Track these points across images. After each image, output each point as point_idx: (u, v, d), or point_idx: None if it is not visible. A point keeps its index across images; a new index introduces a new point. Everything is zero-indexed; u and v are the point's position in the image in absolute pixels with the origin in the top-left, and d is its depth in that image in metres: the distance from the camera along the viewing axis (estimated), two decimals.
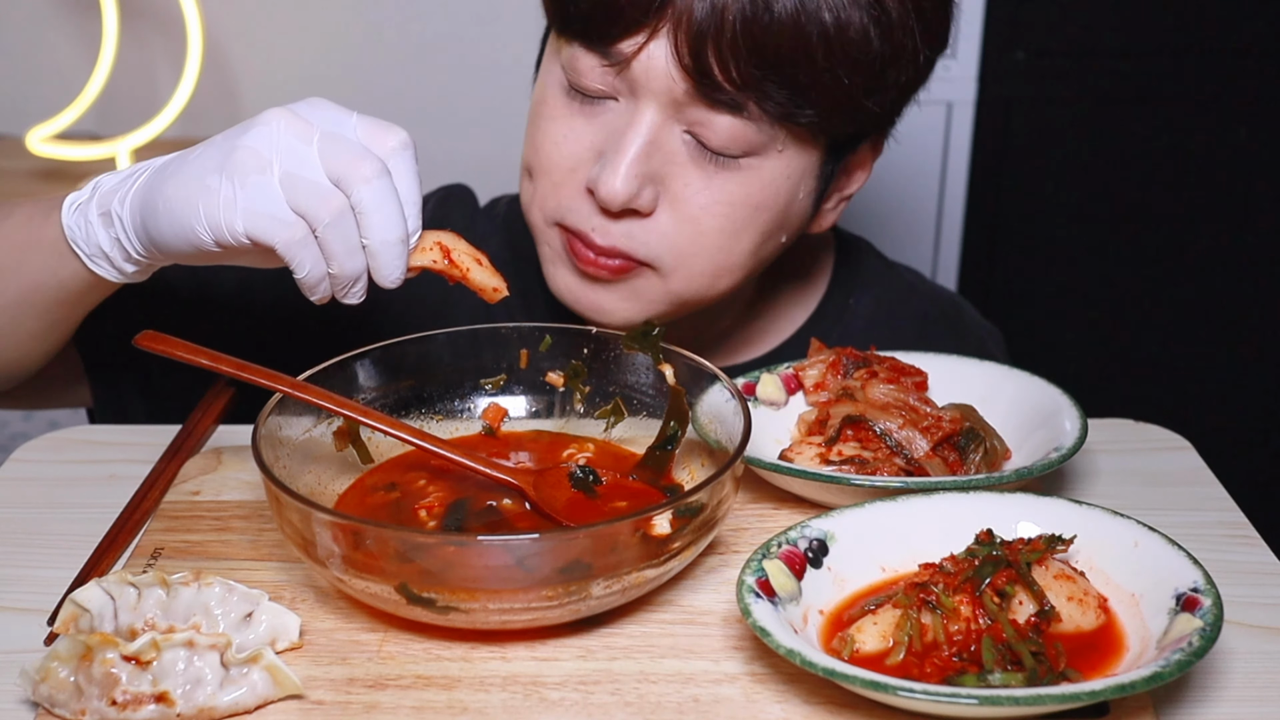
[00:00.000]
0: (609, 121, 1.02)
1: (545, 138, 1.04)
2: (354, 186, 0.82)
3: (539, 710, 0.72)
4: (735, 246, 1.04)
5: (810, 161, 1.04)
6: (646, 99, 0.99)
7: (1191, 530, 0.89)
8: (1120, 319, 2.35)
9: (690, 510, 0.77)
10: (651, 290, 1.06)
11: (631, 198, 1.00)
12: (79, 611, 0.75)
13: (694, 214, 1.02)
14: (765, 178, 1.02)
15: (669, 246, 1.03)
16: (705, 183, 1.01)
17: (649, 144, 0.99)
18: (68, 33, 2.26)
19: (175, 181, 0.85)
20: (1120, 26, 2.18)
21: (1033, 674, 0.70)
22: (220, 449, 1.00)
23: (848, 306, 1.23)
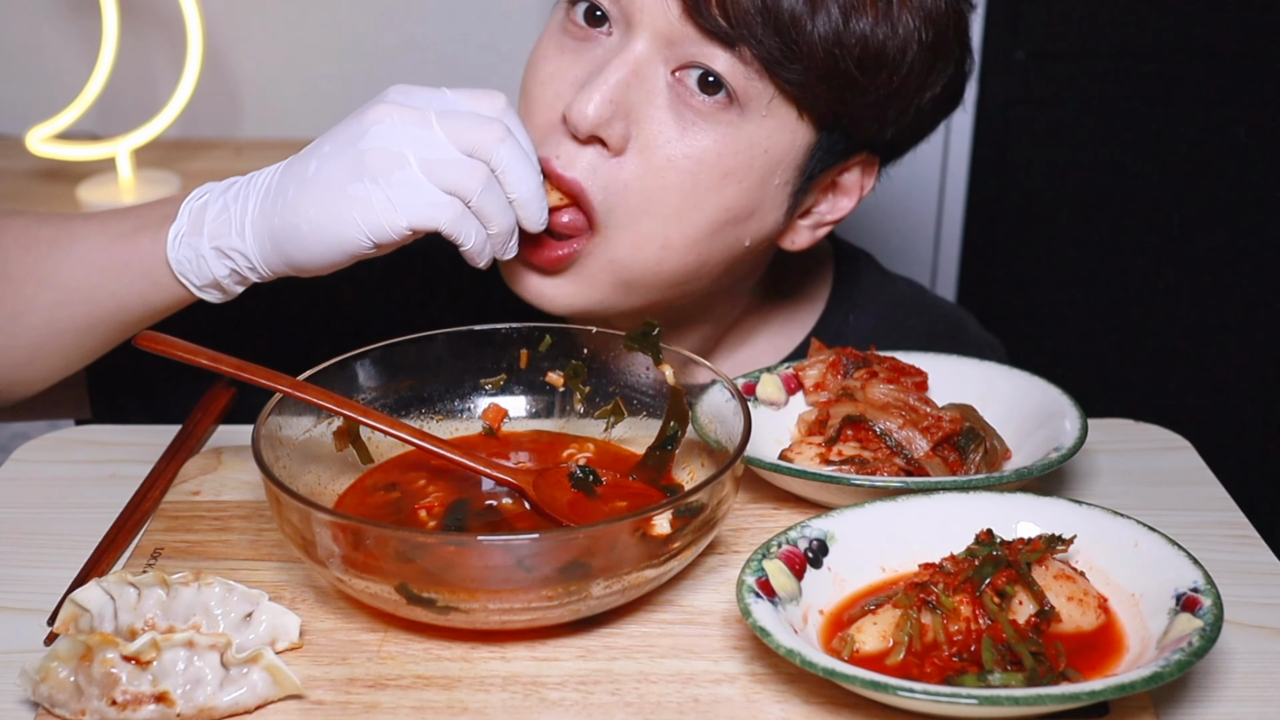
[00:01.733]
0: (597, 56, 1.00)
1: (533, 81, 1.04)
2: (489, 151, 0.90)
3: (539, 710, 0.72)
4: (693, 214, 0.99)
5: (795, 143, 1.00)
6: (639, 30, 0.97)
7: (1191, 530, 0.89)
8: (1120, 319, 2.35)
9: (690, 510, 0.77)
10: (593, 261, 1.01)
11: (601, 122, 0.96)
12: (79, 611, 0.75)
13: (660, 163, 0.98)
14: (741, 140, 0.98)
15: (626, 196, 0.98)
16: (679, 132, 0.97)
17: (631, 74, 0.97)
18: (68, 33, 2.26)
19: (314, 201, 0.89)
20: (1120, 26, 2.18)
21: (1033, 674, 0.70)
22: (220, 449, 1.00)
23: (847, 324, 1.21)
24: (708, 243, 1.01)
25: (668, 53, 0.97)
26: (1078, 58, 2.20)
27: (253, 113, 2.32)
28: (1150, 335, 2.35)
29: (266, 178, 0.93)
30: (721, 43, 0.95)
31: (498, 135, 0.90)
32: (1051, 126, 2.23)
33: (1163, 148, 2.23)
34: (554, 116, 1.00)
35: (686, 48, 0.97)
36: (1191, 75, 2.19)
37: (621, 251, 1.00)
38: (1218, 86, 2.20)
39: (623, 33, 0.99)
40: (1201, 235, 2.28)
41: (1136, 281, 2.32)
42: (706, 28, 0.95)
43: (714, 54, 0.96)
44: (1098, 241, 2.30)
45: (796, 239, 1.09)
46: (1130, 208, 2.27)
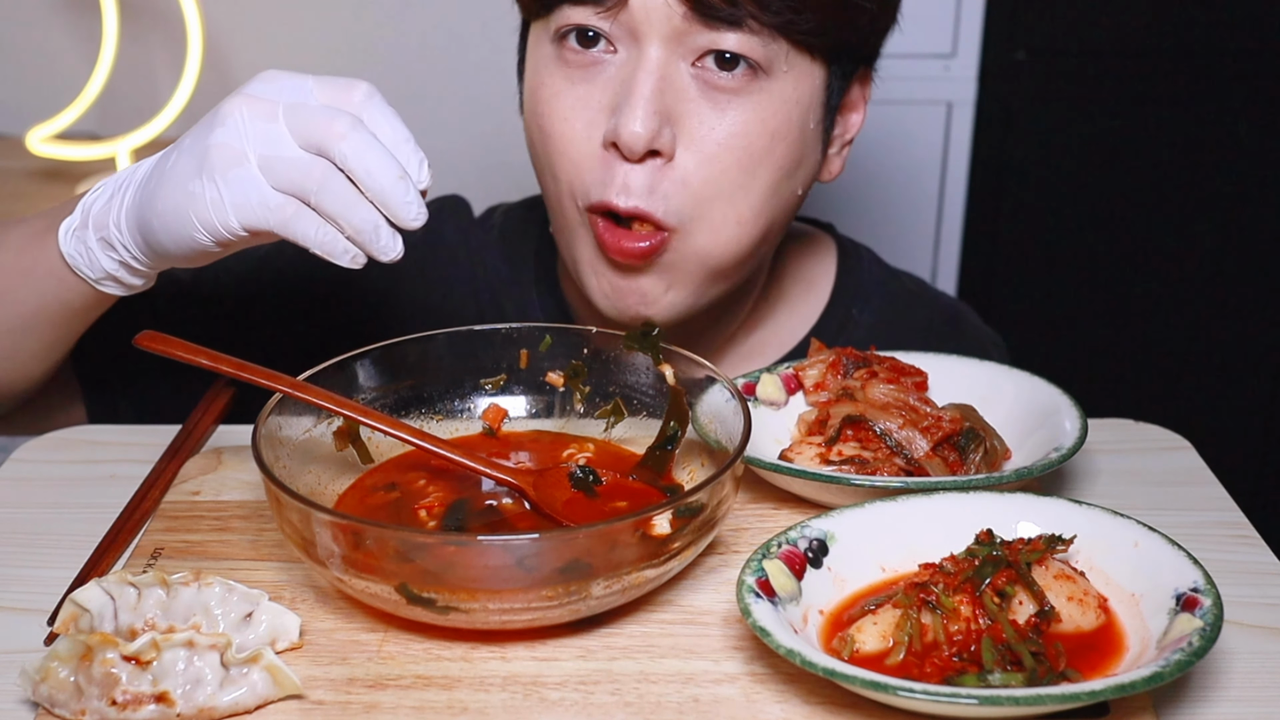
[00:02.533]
0: (614, 75, 1.01)
1: (553, 119, 1.03)
2: (331, 146, 0.83)
3: (539, 710, 0.72)
4: (754, 184, 1.02)
5: (815, 84, 1.03)
6: (648, 38, 0.99)
7: (1191, 530, 0.89)
8: (1120, 319, 2.35)
9: (690, 510, 0.77)
10: (682, 259, 1.04)
11: (654, 136, 0.98)
12: (79, 611, 0.75)
13: (712, 151, 1.00)
14: (776, 101, 1.01)
15: (689, 194, 1.01)
16: (719, 116, 1.00)
17: (660, 80, 0.99)
18: (68, 33, 2.26)
19: (161, 195, 0.87)
20: (1120, 26, 2.18)
21: (1033, 674, 0.70)
22: (220, 449, 1.00)
23: (850, 317, 1.22)
24: (772, 204, 1.05)
25: (682, 49, 0.99)
26: (1078, 57, 2.20)
27: None
28: (1150, 335, 2.35)
29: (145, 168, 0.92)
30: (728, 23, 0.97)
31: (341, 130, 0.83)
32: (1051, 126, 2.23)
33: (1163, 147, 2.23)
34: (593, 148, 1.02)
35: (698, 39, 0.98)
36: (1192, 74, 2.19)
37: (702, 241, 1.03)
38: (1218, 86, 2.20)
39: (629, 45, 1.00)
40: (1202, 235, 2.28)
41: (1136, 281, 2.32)
42: (713, 17, 0.97)
43: (724, 36, 0.98)
44: (1098, 241, 2.30)
45: (831, 168, 1.13)
46: (1130, 207, 2.27)
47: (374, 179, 0.83)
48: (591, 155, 1.02)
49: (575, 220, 1.06)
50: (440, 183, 1.32)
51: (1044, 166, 2.26)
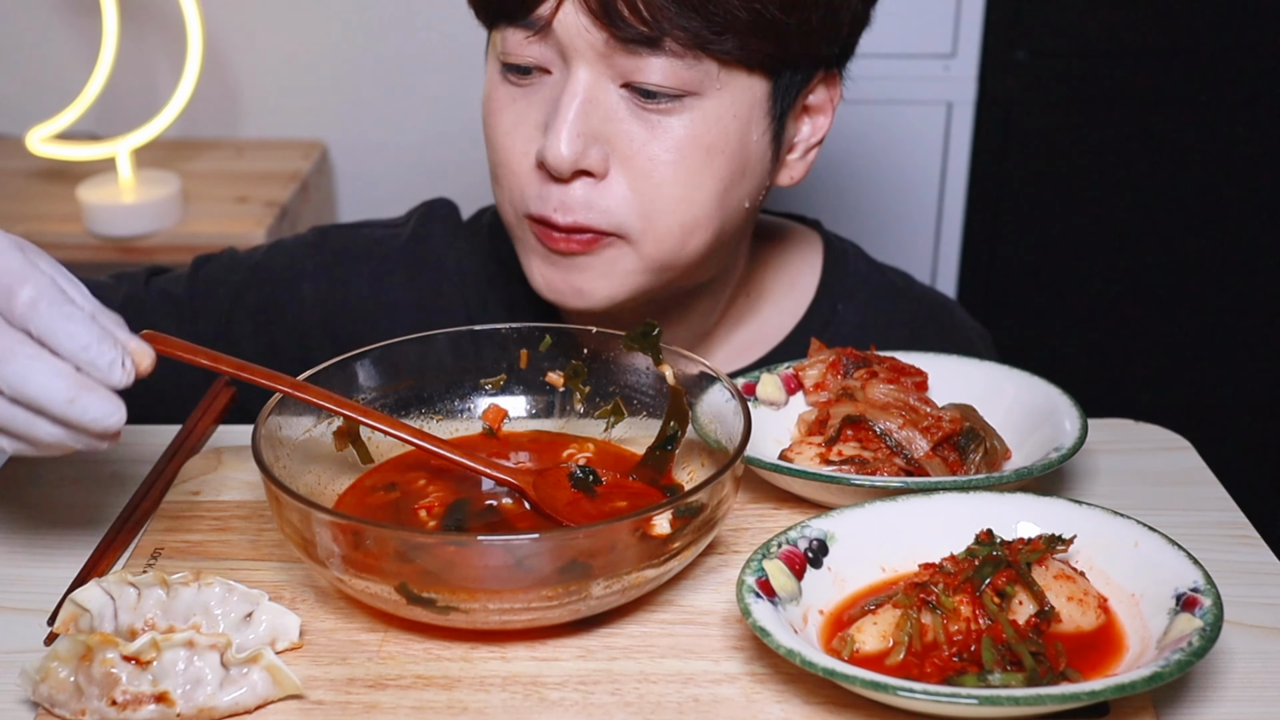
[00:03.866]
0: (547, 95, 1.02)
1: (496, 129, 1.05)
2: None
3: (539, 710, 0.72)
4: (696, 196, 1.02)
5: (755, 97, 1.02)
6: (575, 60, 0.99)
7: (1191, 530, 0.89)
8: (1120, 319, 2.35)
9: (690, 510, 0.77)
10: (624, 260, 1.04)
11: (577, 157, 0.99)
12: (79, 611, 0.75)
13: (645, 167, 1.01)
14: (710, 117, 1.01)
15: (630, 208, 1.02)
16: (650, 133, 1.00)
17: (585, 103, 0.99)
18: (68, 33, 2.26)
19: None
20: (1120, 26, 2.18)
21: (1033, 674, 0.70)
22: (220, 449, 1.00)
23: (835, 313, 1.22)
24: (719, 213, 1.05)
25: (610, 70, 1.00)
26: (1078, 57, 2.20)
27: (253, 113, 2.32)
28: (1150, 335, 2.35)
29: None
30: (648, 46, 0.97)
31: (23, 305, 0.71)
32: (1051, 126, 2.23)
33: (1163, 147, 2.23)
34: (529, 164, 1.03)
35: (622, 65, 0.99)
36: (1192, 75, 2.19)
37: (648, 249, 1.04)
38: (1218, 86, 2.20)
39: (561, 66, 1.01)
40: (1202, 235, 2.28)
41: (1136, 281, 2.32)
42: (628, 38, 0.97)
43: (645, 65, 0.98)
44: (1097, 241, 2.30)
45: (793, 174, 1.12)
46: (1130, 207, 2.27)
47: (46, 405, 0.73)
48: (529, 172, 1.03)
49: (514, 223, 1.08)
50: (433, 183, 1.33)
51: (1044, 166, 2.26)
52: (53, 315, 0.72)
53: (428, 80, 2.28)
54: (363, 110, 2.30)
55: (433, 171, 2.31)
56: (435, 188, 1.34)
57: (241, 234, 1.98)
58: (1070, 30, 2.18)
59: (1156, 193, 2.26)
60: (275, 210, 2.05)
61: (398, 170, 2.33)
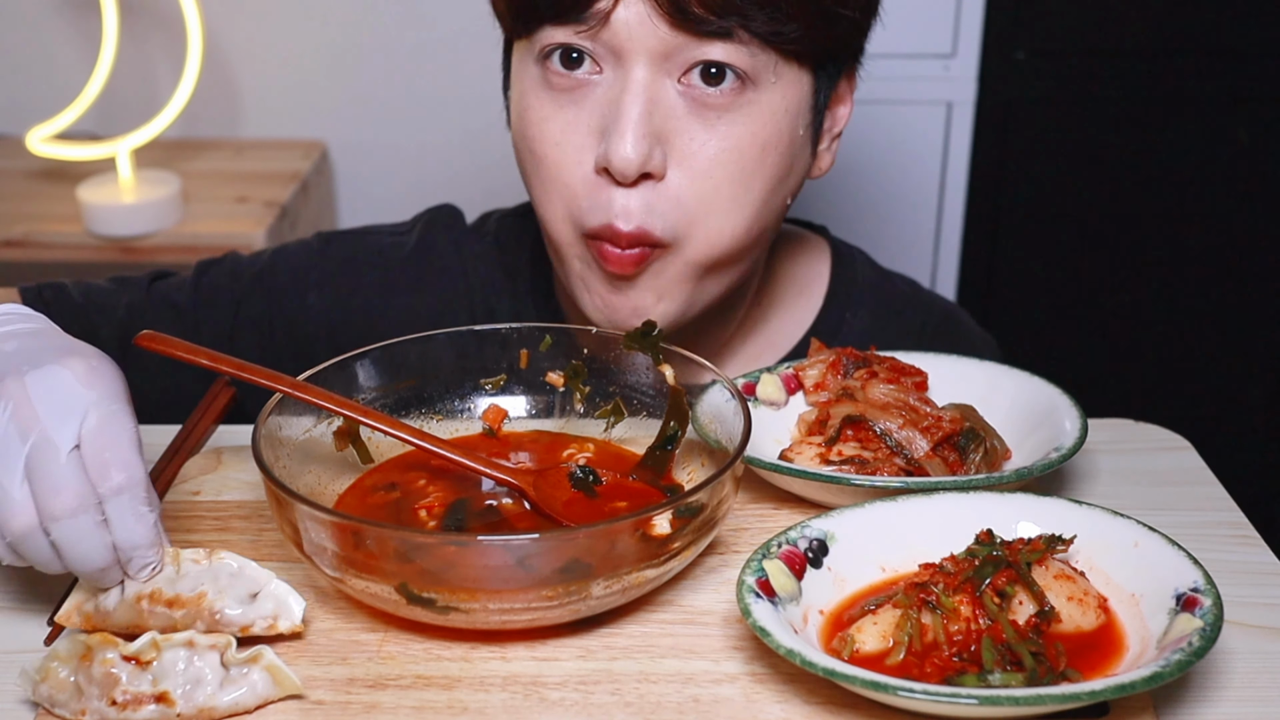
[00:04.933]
0: (601, 97, 1.00)
1: (544, 144, 1.02)
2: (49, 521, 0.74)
3: (539, 710, 0.72)
4: (747, 196, 1.02)
5: (804, 91, 1.03)
6: (632, 57, 0.98)
7: (1191, 530, 0.89)
8: (1120, 319, 2.35)
9: (690, 510, 0.77)
10: (671, 268, 1.03)
11: (645, 160, 0.97)
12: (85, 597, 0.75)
13: (704, 167, 1.00)
14: (766, 113, 1.01)
15: (685, 212, 1.01)
16: (709, 133, 1.00)
17: (648, 102, 0.98)
18: (68, 33, 2.26)
19: None
20: (1120, 26, 2.18)
21: (1033, 674, 0.70)
22: (220, 449, 1.00)
23: (844, 321, 1.22)
24: (765, 212, 1.05)
25: (668, 65, 0.98)
26: (1078, 57, 2.20)
27: (253, 113, 2.32)
28: (1150, 335, 2.35)
29: None
30: (716, 37, 0.96)
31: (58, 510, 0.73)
32: (1051, 126, 2.23)
33: (1163, 147, 2.23)
34: (584, 171, 1.01)
35: (684, 54, 0.97)
36: (1192, 75, 2.19)
37: (697, 253, 1.03)
38: (1218, 86, 2.20)
39: (614, 65, 0.99)
40: (1202, 235, 2.28)
41: (1136, 281, 2.32)
42: (699, 31, 0.96)
43: (711, 48, 0.97)
44: (1098, 241, 2.30)
45: (821, 165, 1.13)
46: (1130, 207, 2.27)
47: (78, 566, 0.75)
48: (585, 180, 1.01)
49: (569, 241, 1.05)
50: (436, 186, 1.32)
51: (1044, 166, 2.26)
52: (128, 510, 0.75)
53: (428, 80, 2.28)
54: (363, 110, 2.30)
55: (433, 171, 2.31)
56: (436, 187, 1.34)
57: (241, 234, 1.98)
58: (1070, 30, 2.18)
59: (1156, 193, 2.26)
60: (275, 210, 2.05)
61: (398, 170, 2.33)
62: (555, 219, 1.04)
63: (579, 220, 1.02)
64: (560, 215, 1.03)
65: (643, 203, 1.00)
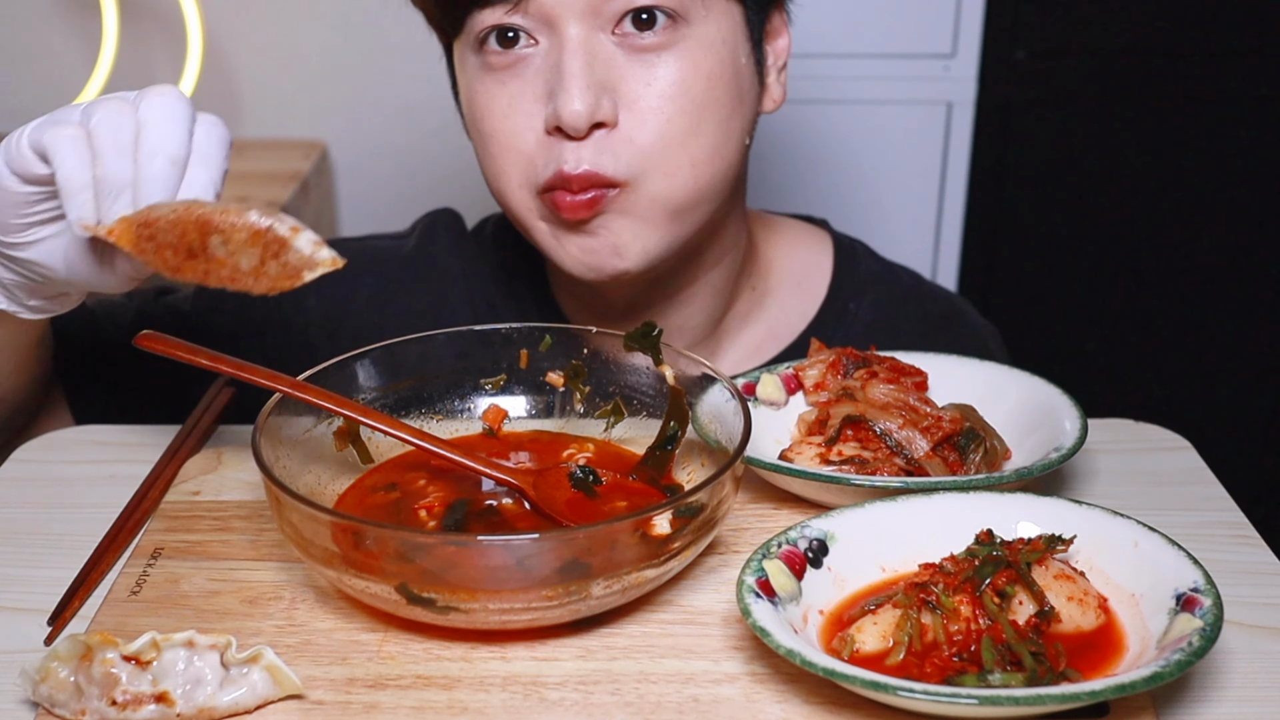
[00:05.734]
0: (541, 64, 1.02)
1: (490, 116, 1.04)
2: (141, 99, 0.81)
3: (539, 710, 0.72)
4: (702, 127, 1.03)
5: (735, 21, 1.05)
6: (563, 20, 1.00)
7: (1191, 530, 0.89)
8: (1120, 319, 2.35)
9: (690, 510, 0.77)
10: (638, 207, 1.04)
11: (594, 110, 0.99)
12: None
13: (655, 104, 1.02)
14: (704, 45, 1.03)
15: (638, 150, 1.02)
16: (652, 73, 1.01)
17: (587, 55, 1.00)
18: (68, 33, 2.26)
19: None
20: (1120, 26, 2.18)
21: (1033, 674, 0.70)
22: (220, 449, 1.00)
23: (847, 311, 1.22)
24: (724, 144, 1.06)
25: (599, 20, 1.01)
26: (1078, 57, 2.20)
27: (253, 113, 2.32)
28: (1150, 335, 2.35)
29: None
30: None
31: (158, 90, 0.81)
32: (1051, 126, 2.23)
33: (1163, 147, 2.23)
34: (536, 137, 1.03)
35: (611, 6, 1.00)
36: (1192, 74, 2.19)
37: (659, 187, 1.04)
38: (1218, 86, 2.20)
39: (548, 33, 1.02)
40: (1202, 235, 2.28)
41: (1136, 281, 2.32)
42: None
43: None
44: (1097, 241, 2.30)
45: (774, 96, 1.14)
46: (1130, 207, 2.27)
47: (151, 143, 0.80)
48: (536, 144, 1.03)
49: (528, 206, 1.06)
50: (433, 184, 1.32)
51: (1044, 166, 2.26)
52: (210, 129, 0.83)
53: (428, 81, 2.27)
54: (363, 110, 2.30)
55: (433, 172, 2.31)
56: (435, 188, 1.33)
57: None
58: (1070, 30, 2.18)
59: (1156, 193, 2.26)
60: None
61: (398, 170, 2.32)
62: (511, 188, 1.06)
63: (534, 182, 1.04)
64: (516, 183, 1.05)
65: (593, 148, 1.01)
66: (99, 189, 0.80)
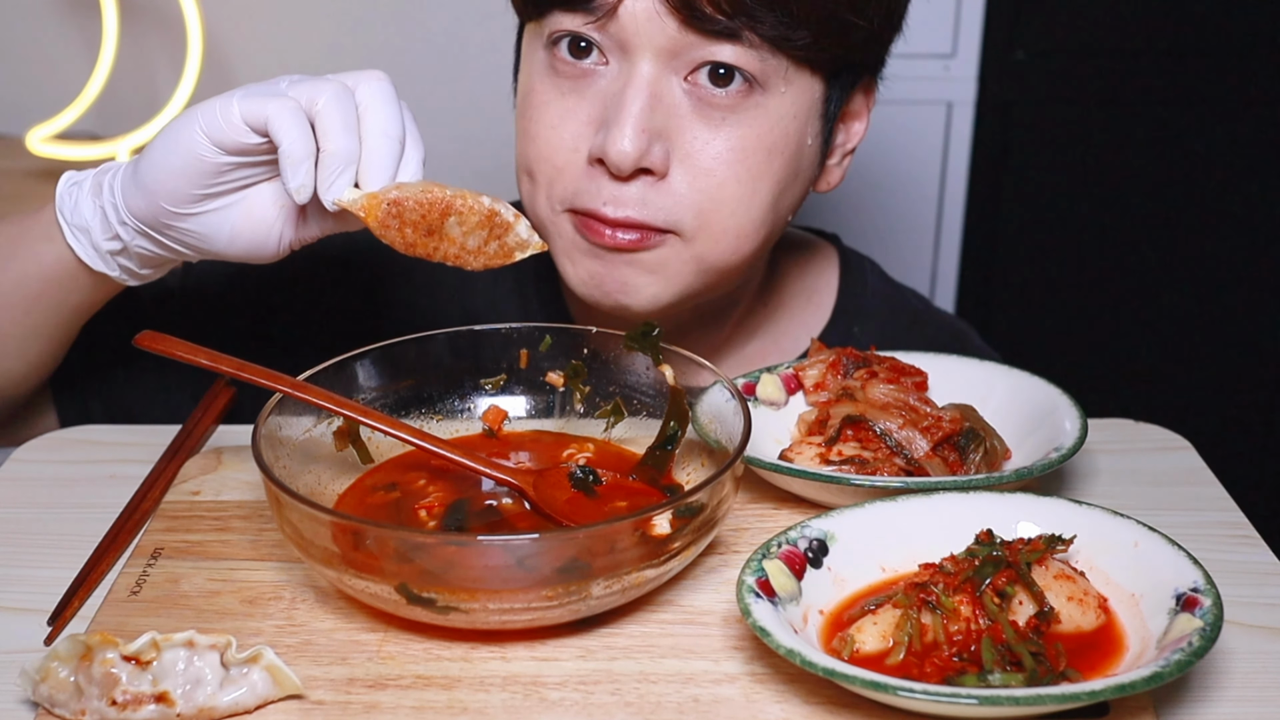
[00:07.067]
0: (604, 89, 1.00)
1: (540, 125, 1.02)
2: (359, 81, 0.85)
3: (539, 710, 0.72)
4: (754, 199, 1.01)
5: (814, 99, 1.02)
6: (639, 52, 0.97)
7: (1191, 530, 0.89)
8: (1120, 319, 2.35)
9: (690, 510, 0.77)
10: (676, 259, 1.03)
11: (642, 155, 0.97)
12: None
13: (708, 166, 0.99)
14: (773, 118, 1.00)
15: (688, 207, 1.00)
16: (713, 133, 0.99)
17: (650, 98, 0.98)
18: (68, 33, 2.26)
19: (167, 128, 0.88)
20: (1120, 26, 2.18)
21: (1033, 674, 0.70)
22: (220, 449, 1.00)
23: (852, 335, 1.22)
24: (771, 216, 1.05)
25: (675, 63, 0.98)
26: (1078, 57, 2.20)
27: None
28: (1150, 335, 2.35)
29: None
30: (725, 38, 0.96)
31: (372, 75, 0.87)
32: (1052, 126, 2.23)
33: (1163, 147, 2.23)
34: (578, 159, 1.01)
35: (692, 54, 0.97)
36: (1192, 74, 2.19)
37: (702, 249, 1.03)
38: (1218, 85, 2.20)
39: (621, 59, 0.99)
40: (1202, 235, 2.28)
41: (1136, 281, 2.32)
42: (708, 30, 0.95)
43: (720, 49, 0.97)
44: (1097, 241, 2.30)
45: (830, 179, 1.12)
46: (1130, 207, 2.27)
47: (378, 121, 0.85)
48: (576, 166, 1.01)
49: (550, 216, 1.05)
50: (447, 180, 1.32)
51: (1044, 166, 2.26)
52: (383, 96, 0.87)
53: (428, 81, 2.28)
54: None
55: (432, 172, 2.30)
56: None
57: None
58: (1070, 30, 2.18)
59: (1156, 193, 2.26)
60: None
61: None
62: (535, 197, 1.05)
63: (562, 199, 1.03)
64: (542, 194, 1.04)
65: (638, 197, 1.00)
66: (325, 162, 0.83)
